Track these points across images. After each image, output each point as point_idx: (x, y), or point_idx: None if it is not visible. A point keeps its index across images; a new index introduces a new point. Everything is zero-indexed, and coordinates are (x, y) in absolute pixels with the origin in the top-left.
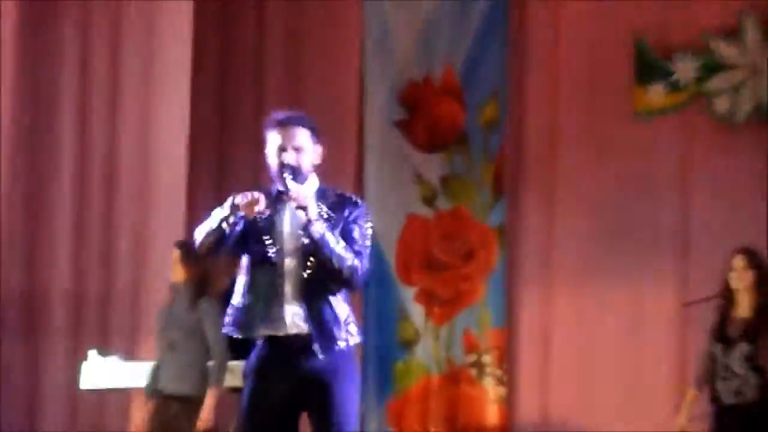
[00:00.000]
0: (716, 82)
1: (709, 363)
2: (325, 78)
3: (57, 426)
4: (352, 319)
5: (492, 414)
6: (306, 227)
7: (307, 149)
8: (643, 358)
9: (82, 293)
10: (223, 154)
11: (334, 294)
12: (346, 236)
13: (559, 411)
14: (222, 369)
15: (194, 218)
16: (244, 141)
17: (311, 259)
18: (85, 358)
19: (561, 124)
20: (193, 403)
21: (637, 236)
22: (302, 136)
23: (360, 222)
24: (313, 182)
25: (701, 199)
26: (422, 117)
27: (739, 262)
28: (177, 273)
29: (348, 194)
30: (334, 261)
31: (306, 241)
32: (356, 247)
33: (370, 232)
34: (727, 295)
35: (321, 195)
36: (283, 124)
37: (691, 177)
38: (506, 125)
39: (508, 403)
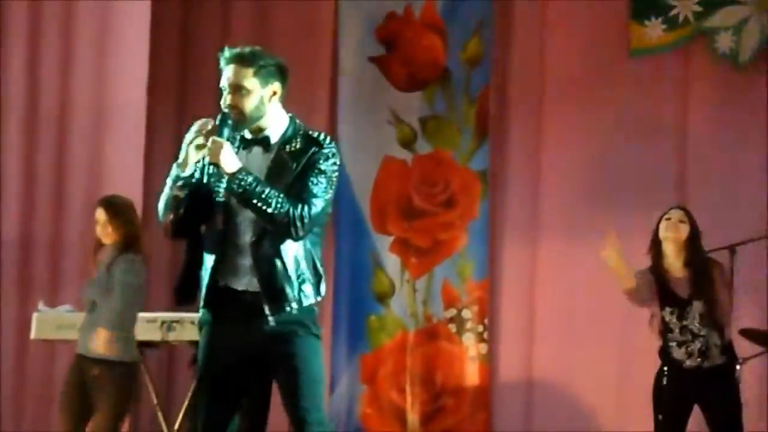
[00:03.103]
0: (719, 18)
1: (661, 327)
2: (296, 10)
3: (7, 377)
4: (308, 276)
5: (472, 372)
6: (229, 184)
7: (249, 90)
8: (630, 313)
9: (32, 242)
10: (183, 99)
11: (281, 248)
12: (297, 181)
13: (542, 369)
14: (119, 314)
15: (152, 169)
16: (206, 84)
17: None
18: (35, 308)
19: (550, 63)
20: (116, 367)
21: (630, 184)
22: (242, 75)
23: (320, 165)
24: (279, 123)
25: (701, 146)
26: (401, 53)
27: (675, 213)
28: (103, 234)
29: (316, 134)
30: (264, 213)
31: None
32: (304, 194)
33: (334, 174)
34: (658, 250)
35: (289, 138)
36: (227, 61)
37: (691, 121)
38: (491, 63)
39: (489, 360)
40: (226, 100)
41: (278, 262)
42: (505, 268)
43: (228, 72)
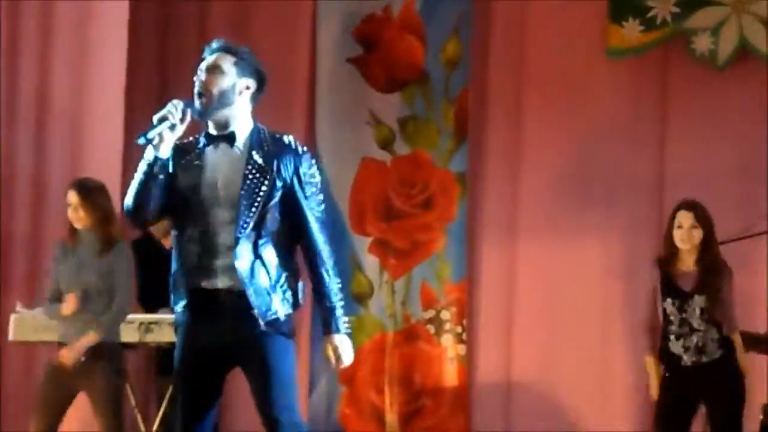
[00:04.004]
0: (697, 19)
1: (661, 321)
2: (273, 11)
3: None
4: (291, 284)
5: (451, 373)
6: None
7: (224, 72)
8: (610, 314)
9: (10, 242)
10: (162, 95)
11: (268, 252)
12: (299, 202)
13: (521, 371)
14: (116, 320)
15: (129, 170)
16: (184, 86)
17: (252, 208)
18: (13, 310)
19: (528, 63)
20: (108, 351)
21: (609, 185)
22: (222, 59)
23: (311, 180)
24: (245, 123)
25: (678, 146)
26: (379, 54)
27: (686, 219)
28: (76, 218)
29: (286, 138)
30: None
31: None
32: (319, 215)
33: (318, 183)
34: (672, 251)
35: (258, 144)
36: (212, 51)
37: (668, 121)
38: (469, 64)
39: (468, 361)
40: (199, 80)
41: (261, 268)
42: (483, 270)
43: (209, 59)
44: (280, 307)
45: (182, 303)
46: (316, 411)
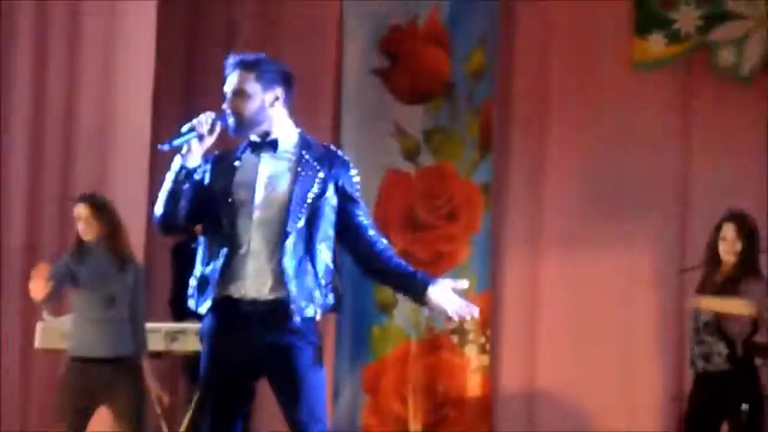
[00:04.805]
0: (720, 33)
1: (690, 326)
2: (301, 22)
3: (12, 386)
4: (335, 283)
5: (474, 384)
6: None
7: (249, 94)
8: (636, 326)
9: (37, 251)
10: (189, 106)
11: (317, 249)
12: (352, 199)
13: (545, 381)
14: (146, 335)
15: (156, 180)
16: (213, 93)
17: (304, 205)
18: (40, 318)
19: (553, 76)
20: (131, 365)
21: (633, 196)
22: (244, 79)
23: (357, 187)
24: (287, 128)
25: (702, 158)
26: (405, 65)
27: (730, 232)
28: (87, 230)
29: (334, 149)
30: None
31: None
32: (370, 221)
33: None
34: (714, 261)
35: (306, 145)
36: (231, 68)
37: (692, 134)
38: (494, 75)
39: (491, 372)
40: (228, 102)
41: (310, 266)
42: (507, 281)
43: (232, 78)
44: (320, 304)
45: (206, 306)
46: (339, 420)
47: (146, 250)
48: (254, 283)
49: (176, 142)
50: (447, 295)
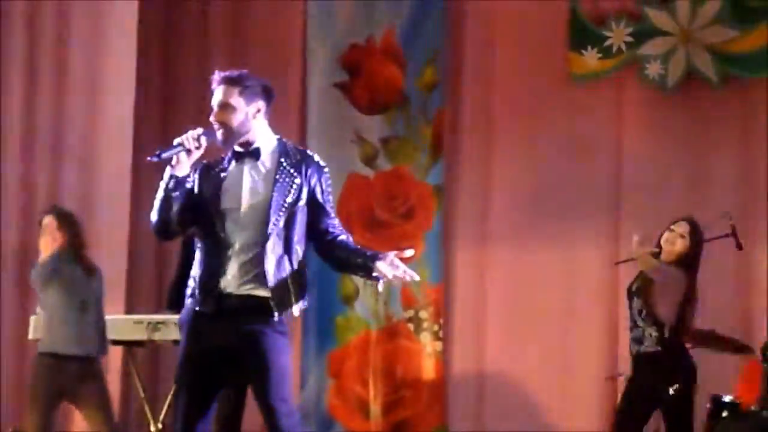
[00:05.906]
0: (649, 48)
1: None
2: (269, 41)
3: (7, 378)
4: (304, 281)
5: (428, 367)
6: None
7: (234, 107)
8: (574, 314)
9: (31, 246)
10: (167, 119)
11: (294, 249)
12: (321, 207)
13: (493, 365)
14: (107, 337)
15: (139, 184)
16: (189, 103)
17: (283, 208)
18: (34, 311)
19: (498, 88)
20: (95, 363)
21: (572, 197)
22: (229, 94)
23: (329, 190)
24: (267, 138)
25: (633, 162)
26: (363, 79)
27: (682, 227)
28: (53, 240)
29: (310, 153)
30: None
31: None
32: (336, 220)
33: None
34: (656, 254)
35: (285, 152)
36: (217, 83)
37: (624, 140)
38: (445, 88)
39: (444, 356)
40: (214, 117)
41: (288, 264)
42: (457, 274)
43: (218, 92)
44: (295, 301)
45: (195, 306)
46: (307, 402)
47: (129, 249)
48: (238, 281)
49: (165, 155)
50: (393, 264)
